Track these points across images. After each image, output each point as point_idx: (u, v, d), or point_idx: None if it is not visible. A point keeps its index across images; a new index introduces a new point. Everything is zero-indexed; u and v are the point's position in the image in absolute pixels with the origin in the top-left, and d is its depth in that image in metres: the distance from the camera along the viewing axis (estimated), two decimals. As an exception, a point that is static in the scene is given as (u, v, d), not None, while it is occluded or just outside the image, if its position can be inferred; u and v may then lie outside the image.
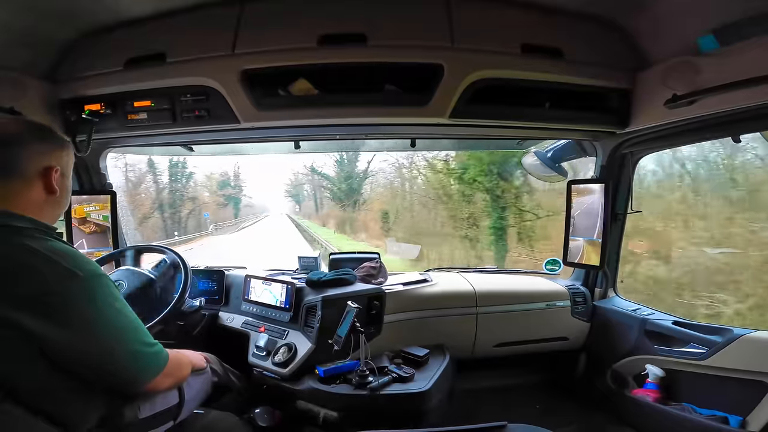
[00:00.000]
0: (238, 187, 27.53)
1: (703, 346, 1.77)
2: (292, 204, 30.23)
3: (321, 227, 23.39)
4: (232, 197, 27.34)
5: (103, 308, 0.94)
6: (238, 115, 1.62)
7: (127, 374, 0.99)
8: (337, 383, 1.71)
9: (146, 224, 20.37)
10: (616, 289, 2.39)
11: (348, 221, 20.28)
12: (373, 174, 21.11)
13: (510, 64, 1.59)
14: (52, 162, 1.02)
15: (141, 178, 20.41)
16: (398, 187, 15.74)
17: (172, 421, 1.26)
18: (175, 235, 20.16)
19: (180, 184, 22.79)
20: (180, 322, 1.85)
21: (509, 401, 2.33)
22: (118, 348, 0.96)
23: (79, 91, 1.69)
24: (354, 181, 21.13)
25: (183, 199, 22.48)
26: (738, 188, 4.05)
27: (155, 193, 21.40)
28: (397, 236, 12.29)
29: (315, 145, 2.44)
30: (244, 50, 1.54)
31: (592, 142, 2.14)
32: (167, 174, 21.75)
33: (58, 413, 0.92)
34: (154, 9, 1.58)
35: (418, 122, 1.77)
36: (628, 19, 1.59)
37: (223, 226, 25.34)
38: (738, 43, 1.30)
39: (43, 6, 1.41)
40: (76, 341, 0.90)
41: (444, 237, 10.20)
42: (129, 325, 1.00)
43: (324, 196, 25.22)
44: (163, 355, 1.08)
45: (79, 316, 0.90)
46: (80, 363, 0.92)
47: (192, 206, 23.25)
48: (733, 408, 1.65)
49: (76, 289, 0.90)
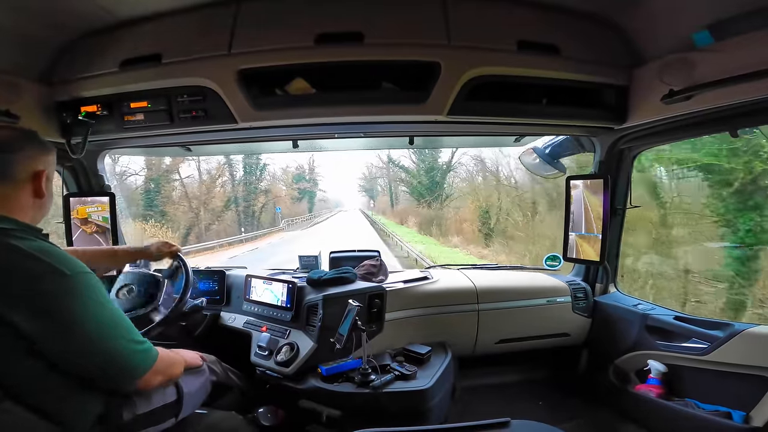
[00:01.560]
0: (312, 181, 27.24)
1: (705, 341, 1.77)
2: (366, 199, 29.03)
3: (399, 226, 21.16)
4: (307, 191, 26.84)
5: (89, 306, 0.95)
6: (235, 115, 1.62)
7: (117, 371, 1.00)
8: (340, 382, 1.71)
9: (222, 218, 20.12)
10: (616, 285, 2.40)
11: (434, 220, 17.98)
12: (455, 167, 19.52)
13: (506, 61, 1.58)
14: (41, 166, 1.06)
15: (219, 170, 21.00)
16: (490, 182, 14.11)
17: (173, 418, 1.27)
18: (242, 231, 19.90)
19: (254, 176, 22.86)
20: (182, 322, 1.85)
21: (511, 398, 2.33)
22: (106, 345, 0.97)
23: (75, 93, 1.69)
24: (436, 174, 19.45)
25: (256, 192, 22.33)
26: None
27: (230, 187, 21.56)
28: (508, 243, 9.74)
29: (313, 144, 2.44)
30: (240, 50, 1.54)
31: (590, 138, 2.14)
32: (242, 167, 22.04)
33: (56, 412, 0.94)
34: (150, 10, 1.58)
35: (416, 120, 1.76)
36: (623, 16, 1.59)
37: (296, 221, 24.59)
38: (733, 38, 1.30)
39: (37, 8, 1.41)
40: (64, 339, 0.91)
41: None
42: (116, 323, 1.01)
43: (401, 191, 23.45)
44: (153, 353, 1.09)
45: (66, 314, 0.91)
46: (70, 360, 0.94)
47: (265, 200, 22.97)
48: (736, 403, 1.65)
49: (63, 287, 0.92)
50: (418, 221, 19.38)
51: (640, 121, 1.75)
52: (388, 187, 25.43)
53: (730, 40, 1.32)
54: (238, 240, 18.52)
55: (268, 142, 2.22)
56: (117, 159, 15.50)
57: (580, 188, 2.22)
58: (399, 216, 22.98)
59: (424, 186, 19.22)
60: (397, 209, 23.79)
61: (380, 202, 27.10)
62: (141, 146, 2.19)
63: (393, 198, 24.95)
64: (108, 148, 2.16)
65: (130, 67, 1.62)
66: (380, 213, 26.45)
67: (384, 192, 26.25)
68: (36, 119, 1.65)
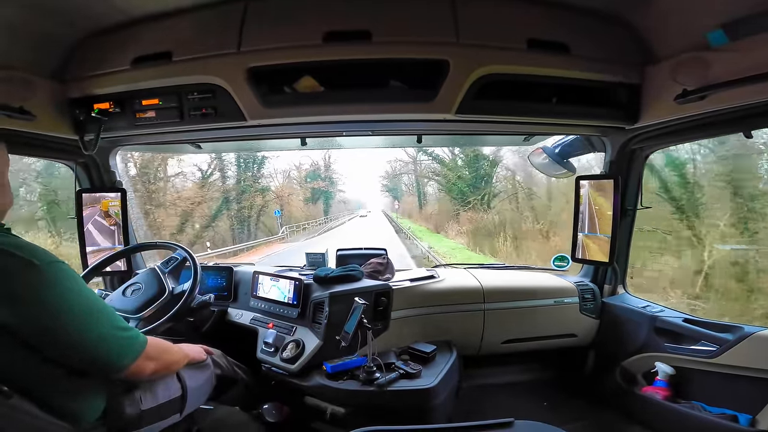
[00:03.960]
0: (328, 179, 23.13)
1: (714, 344, 1.75)
2: (390, 200, 25.65)
3: (434, 234, 15.89)
4: (323, 191, 22.76)
5: (66, 296, 0.96)
6: (244, 113, 1.63)
7: (104, 358, 1.01)
8: (345, 379, 1.72)
9: (215, 226, 16.19)
10: (625, 286, 2.37)
11: (501, 229, 12.01)
12: (501, 159, 14.73)
13: (516, 59, 1.57)
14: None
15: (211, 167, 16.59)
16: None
17: (178, 413, 1.28)
18: (235, 241, 15.41)
19: (251, 173, 17.96)
20: (189, 318, 1.87)
21: (516, 398, 2.33)
22: (90, 335, 0.97)
23: (88, 90, 1.71)
24: (482, 166, 15.16)
25: (250, 192, 17.36)
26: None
27: (221, 188, 16.86)
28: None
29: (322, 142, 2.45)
30: (249, 48, 1.55)
31: (601, 138, 2.12)
32: (236, 162, 17.12)
33: (63, 407, 0.96)
34: (160, 7, 1.59)
35: (424, 118, 1.76)
36: (634, 14, 1.57)
37: (306, 226, 20.14)
38: (748, 37, 1.28)
39: (50, 6, 1.43)
40: (48, 331, 0.92)
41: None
42: (97, 311, 1.01)
43: (431, 190, 18.77)
44: (140, 339, 1.09)
45: (47, 306, 0.92)
46: (58, 351, 0.95)
47: (263, 202, 17.89)
48: (742, 406, 1.63)
49: (35, 278, 0.92)
50: (467, 229, 14.02)
51: (652, 121, 1.72)
52: (416, 185, 21.80)
53: (744, 40, 1.29)
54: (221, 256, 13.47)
55: (276, 139, 2.23)
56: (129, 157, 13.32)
57: (590, 188, 2.20)
58: (431, 220, 18.46)
59: (466, 182, 14.67)
60: (428, 211, 20.00)
61: (405, 203, 23.89)
62: (152, 143, 2.21)
63: (421, 197, 21.35)
64: (120, 145, 2.18)
65: (141, 64, 1.64)
66: (406, 216, 22.81)
67: (410, 191, 22.70)
68: (50, 116, 1.67)
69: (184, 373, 1.34)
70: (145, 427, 1.18)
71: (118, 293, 1.67)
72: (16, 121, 1.54)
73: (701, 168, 7.99)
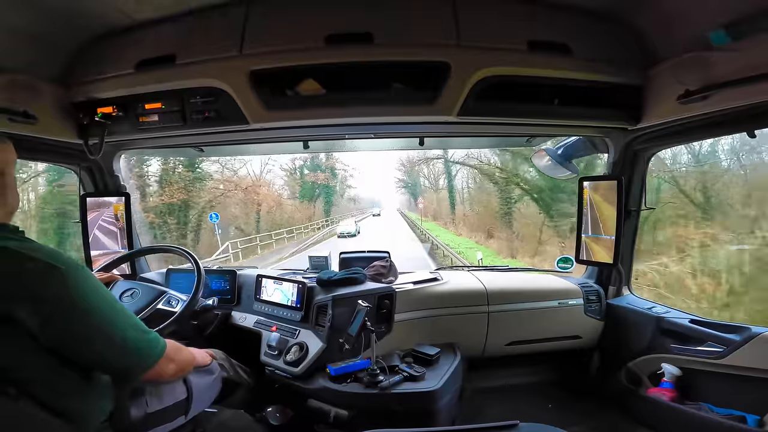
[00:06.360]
0: (330, 170, 18.14)
1: (721, 345, 1.73)
2: (406, 197, 20.55)
3: (498, 256, 11.20)
4: (324, 186, 17.73)
5: (89, 297, 0.96)
6: (247, 116, 1.63)
7: (126, 361, 1.01)
8: (348, 382, 1.72)
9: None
10: (630, 287, 2.36)
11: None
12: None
13: (517, 61, 1.57)
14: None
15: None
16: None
17: (183, 416, 1.28)
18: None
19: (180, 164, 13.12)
20: (193, 321, 1.88)
21: (521, 400, 2.31)
22: (111, 336, 0.97)
23: (92, 94, 1.72)
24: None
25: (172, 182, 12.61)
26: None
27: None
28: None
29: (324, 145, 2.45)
30: (251, 51, 1.55)
31: (604, 139, 2.11)
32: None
33: (68, 409, 0.95)
34: (163, 11, 1.60)
35: (426, 120, 1.76)
36: (636, 15, 1.57)
37: (291, 234, 14.51)
38: (751, 37, 1.27)
39: (54, 10, 1.43)
40: (69, 332, 0.92)
41: None
42: (118, 313, 1.02)
43: (471, 188, 13.75)
44: (161, 341, 1.09)
45: (72, 307, 0.92)
46: (79, 354, 0.95)
47: (206, 203, 13.15)
48: (750, 407, 1.62)
49: (60, 281, 0.92)
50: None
51: (655, 122, 1.72)
52: (447, 177, 16.45)
53: (747, 40, 1.28)
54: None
55: (279, 142, 2.24)
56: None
57: (593, 190, 2.20)
58: (475, 227, 13.47)
59: (549, 188, 10.68)
60: (464, 213, 14.76)
61: (427, 200, 18.36)
62: (155, 147, 2.22)
63: (453, 195, 15.39)
64: (123, 149, 2.19)
65: (144, 68, 1.64)
66: (429, 217, 17.37)
67: (432, 188, 17.47)
68: (53, 120, 1.68)
69: (190, 376, 1.34)
70: (150, 429, 1.18)
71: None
72: (19, 125, 1.54)
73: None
